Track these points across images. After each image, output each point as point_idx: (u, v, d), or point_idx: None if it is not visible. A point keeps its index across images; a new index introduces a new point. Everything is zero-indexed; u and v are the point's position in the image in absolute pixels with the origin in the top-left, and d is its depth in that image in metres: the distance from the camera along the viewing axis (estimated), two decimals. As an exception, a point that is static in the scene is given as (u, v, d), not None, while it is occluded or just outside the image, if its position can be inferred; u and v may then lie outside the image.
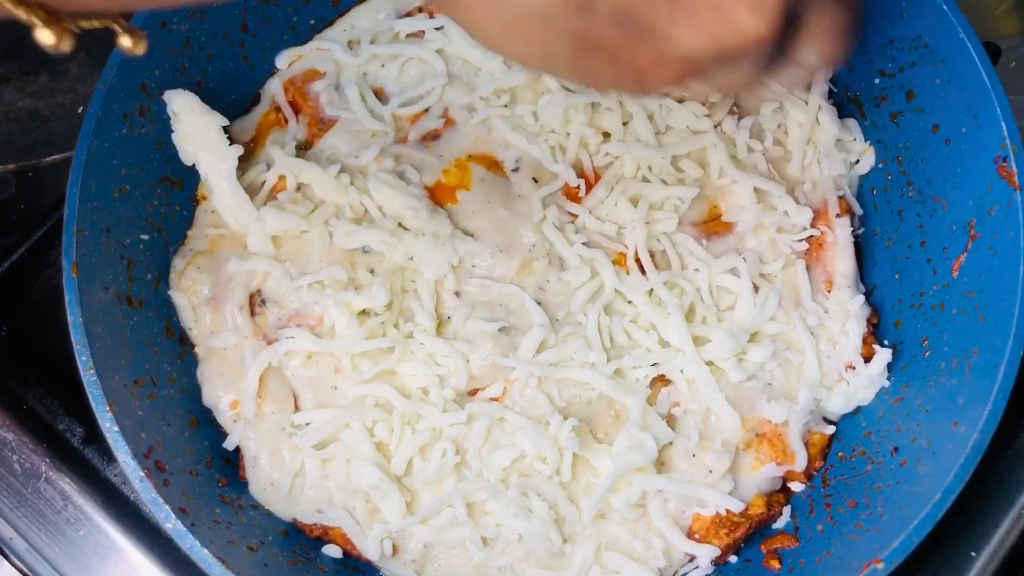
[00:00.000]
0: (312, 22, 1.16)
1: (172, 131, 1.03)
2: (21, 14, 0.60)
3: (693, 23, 0.60)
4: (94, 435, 1.09)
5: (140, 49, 0.69)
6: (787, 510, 0.99)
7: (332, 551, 0.96)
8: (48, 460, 1.07)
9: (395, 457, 0.96)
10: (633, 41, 0.61)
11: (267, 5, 1.11)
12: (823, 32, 0.68)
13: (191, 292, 1.03)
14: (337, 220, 1.04)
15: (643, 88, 0.66)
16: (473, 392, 1.00)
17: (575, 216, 1.06)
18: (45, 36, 0.61)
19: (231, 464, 0.99)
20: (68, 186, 0.92)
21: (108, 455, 1.08)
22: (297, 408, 1.00)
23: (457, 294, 1.02)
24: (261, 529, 0.94)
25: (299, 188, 1.07)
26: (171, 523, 0.84)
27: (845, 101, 1.12)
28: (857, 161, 1.11)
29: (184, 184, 1.06)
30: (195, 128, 1.03)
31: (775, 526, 0.98)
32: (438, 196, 1.06)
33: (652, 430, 0.96)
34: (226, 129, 1.04)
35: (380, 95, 1.12)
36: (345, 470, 0.96)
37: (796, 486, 1.00)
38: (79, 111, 1.22)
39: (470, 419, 0.96)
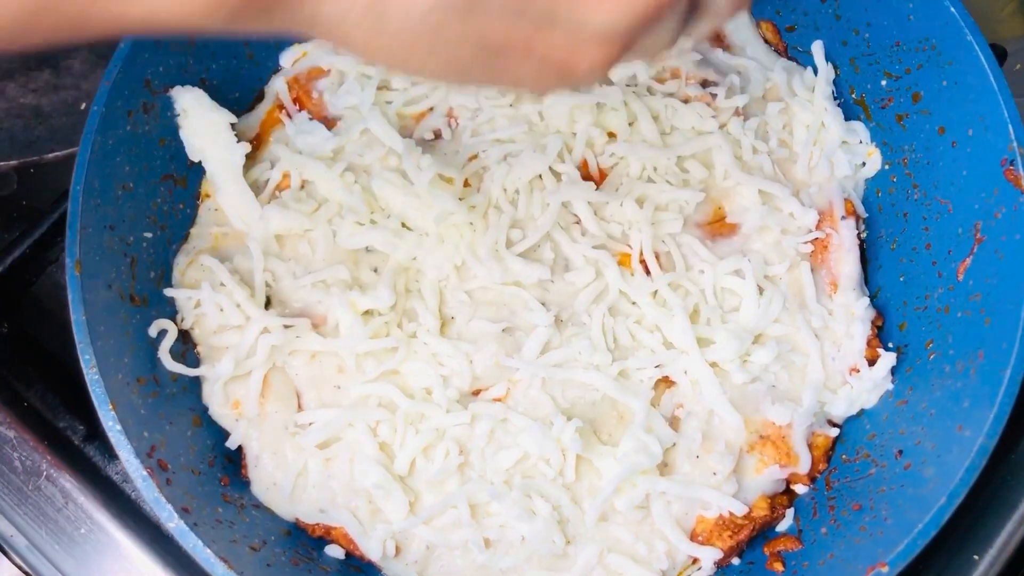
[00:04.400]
0: (317, 20, 1.16)
1: (179, 127, 1.03)
2: None
3: None
4: (95, 433, 1.08)
5: None
6: (790, 512, 0.98)
7: (334, 551, 0.96)
8: (49, 458, 1.06)
9: (398, 457, 0.95)
10: (542, 32, 0.56)
11: (272, 2, 1.11)
12: None
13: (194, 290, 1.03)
14: (341, 219, 1.04)
15: (573, 79, 0.60)
16: (476, 392, 0.99)
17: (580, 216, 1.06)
18: None
19: (233, 463, 0.99)
20: (72, 182, 0.92)
21: (109, 453, 1.08)
22: (300, 407, 0.99)
23: (461, 294, 1.02)
24: (263, 529, 0.94)
25: (303, 186, 1.06)
26: (173, 523, 0.84)
27: (851, 103, 1.12)
28: (863, 164, 1.11)
29: (188, 181, 1.06)
30: (203, 125, 1.02)
31: (778, 528, 0.98)
32: (442, 195, 1.06)
33: (656, 432, 0.96)
34: (232, 127, 1.03)
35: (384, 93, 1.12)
36: (348, 470, 0.96)
37: (800, 488, 1.00)
38: (82, 107, 1.22)
39: (473, 420, 0.96)
